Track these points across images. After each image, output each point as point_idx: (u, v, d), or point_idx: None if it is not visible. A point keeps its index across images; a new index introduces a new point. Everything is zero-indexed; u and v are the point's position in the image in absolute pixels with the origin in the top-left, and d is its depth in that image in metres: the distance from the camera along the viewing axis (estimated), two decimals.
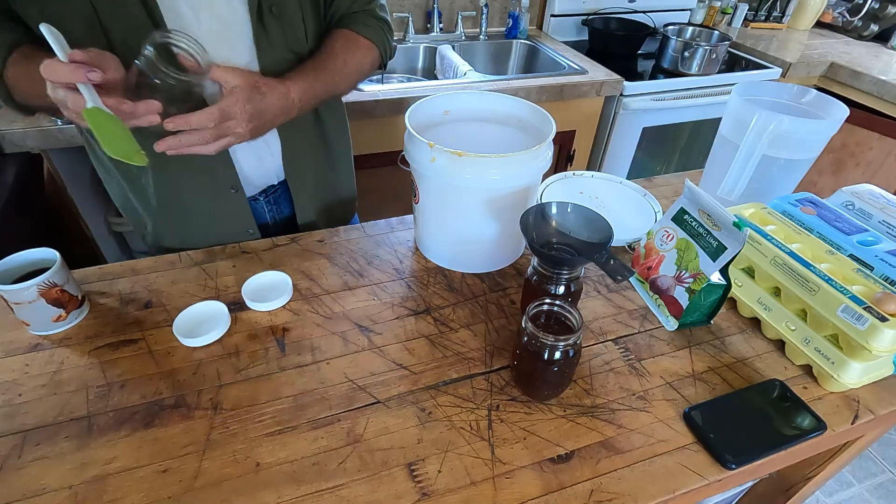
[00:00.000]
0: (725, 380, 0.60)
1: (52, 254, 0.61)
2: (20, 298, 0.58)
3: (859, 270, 0.61)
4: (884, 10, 2.03)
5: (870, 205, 0.74)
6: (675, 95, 1.68)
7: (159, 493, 0.47)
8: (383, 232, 0.81)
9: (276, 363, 0.59)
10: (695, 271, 0.62)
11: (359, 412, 0.55)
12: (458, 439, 0.52)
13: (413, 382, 0.58)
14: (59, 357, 0.59)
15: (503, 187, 0.66)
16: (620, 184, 0.92)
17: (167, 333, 0.62)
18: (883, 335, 0.53)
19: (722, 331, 0.67)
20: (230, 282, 0.70)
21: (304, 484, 0.48)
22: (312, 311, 0.66)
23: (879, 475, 1.54)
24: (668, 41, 1.72)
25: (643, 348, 0.64)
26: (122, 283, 0.70)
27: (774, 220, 0.70)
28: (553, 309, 0.55)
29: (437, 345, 0.63)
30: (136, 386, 0.56)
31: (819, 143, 0.78)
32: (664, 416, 0.56)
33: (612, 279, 0.58)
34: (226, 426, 0.52)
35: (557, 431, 0.54)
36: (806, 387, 0.60)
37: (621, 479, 0.50)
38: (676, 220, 0.67)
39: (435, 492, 0.48)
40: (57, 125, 1.14)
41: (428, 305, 0.68)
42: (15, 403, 0.54)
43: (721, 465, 0.51)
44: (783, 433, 0.54)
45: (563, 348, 0.51)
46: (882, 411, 0.58)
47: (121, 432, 0.52)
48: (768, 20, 2.21)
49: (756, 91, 0.87)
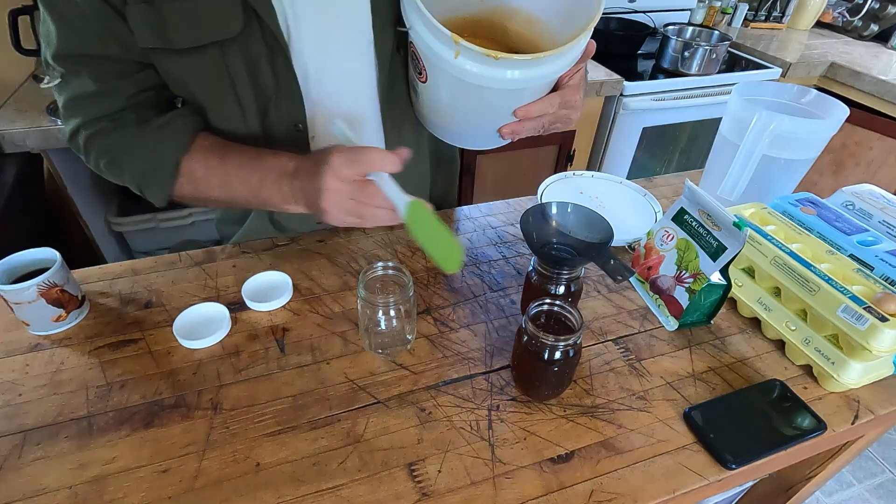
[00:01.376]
0: (725, 380, 0.60)
1: (52, 254, 0.61)
2: (20, 298, 0.58)
3: (859, 270, 0.61)
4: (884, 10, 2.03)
5: (870, 205, 0.74)
6: (675, 95, 1.68)
7: (159, 493, 0.47)
8: (383, 231, 0.81)
9: (276, 363, 0.59)
10: (695, 271, 0.62)
11: (359, 412, 0.55)
12: (458, 439, 0.52)
13: (413, 382, 0.58)
14: (59, 357, 0.59)
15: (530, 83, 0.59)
16: (620, 184, 0.92)
17: (167, 333, 0.62)
18: (883, 335, 0.53)
19: (722, 331, 0.67)
20: (230, 282, 0.70)
21: (304, 484, 0.48)
22: (312, 311, 0.66)
23: (879, 475, 1.54)
24: (668, 41, 1.72)
25: (643, 348, 0.64)
26: (122, 283, 0.70)
27: (774, 220, 0.70)
28: (553, 309, 0.55)
29: (437, 345, 0.63)
30: (136, 386, 0.56)
31: (819, 143, 0.78)
32: (664, 416, 0.56)
33: (612, 279, 0.57)
34: (226, 426, 0.52)
35: (557, 431, 0.54)
36: (806, 387, 0.60)
37: (621, 479, 0.50)
38: (676, 220, 0.67)
39: (435, 492, 0.48)
40: (57, 125, 1.14)
41: (428, 305, 0.68)
42: (15, 403, 0.54)
43: (721, 465, 0.51)
44: (783, 433, 0.54)
45: (563, 348, 0.51)
46: (882, 411, 0.58)
47: (121, 432, 0.52)
48: (768, 20, 2.21)
49: (756, 91, 0.87)
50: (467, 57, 0.53)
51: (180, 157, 0.63)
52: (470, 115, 0.66)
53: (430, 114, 0.71)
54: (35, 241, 0.64)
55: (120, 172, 0.65)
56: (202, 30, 0.57)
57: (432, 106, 0.69)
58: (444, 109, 0.67)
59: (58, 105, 0.64)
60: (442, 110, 0.68)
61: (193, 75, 0.61)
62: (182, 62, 0.60)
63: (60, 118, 0.64)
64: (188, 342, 0.60)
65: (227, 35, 0.57)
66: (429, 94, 0.66)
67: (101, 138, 0.63)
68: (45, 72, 0.62)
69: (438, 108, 0.68)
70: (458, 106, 0.64)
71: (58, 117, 1.16)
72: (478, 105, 0.63)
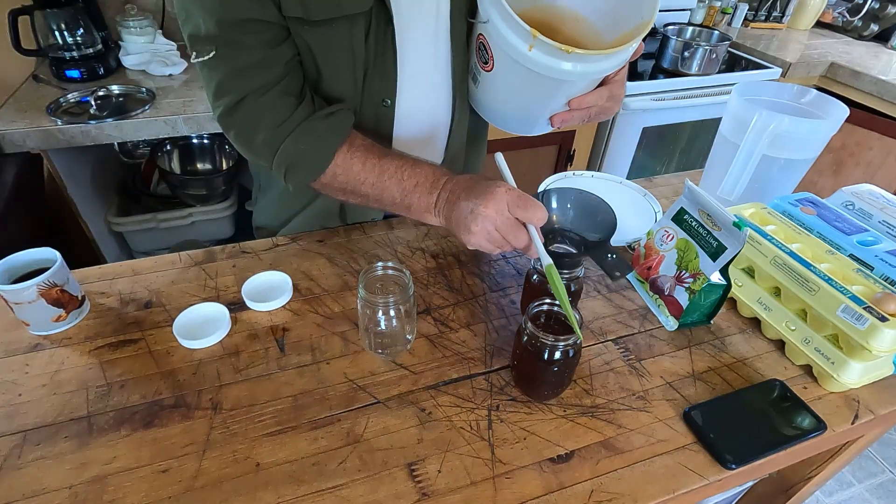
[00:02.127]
0: (725, 380, 0.60)
1: (52, 254, 0.61)
2: (20, 298, 0.58)
3: (859, 270, 0.61)
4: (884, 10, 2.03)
5: (870, 205, 0.74)
6: (675, 95, 1.68)
7: (159, 493, 0.47)
8: (383, 232, 0.81)
9: (276, 363, 0.59)
10: (695, 271, 0.62)
11: (359, 412, 0.55)
12: (458, 439, 0.52)
13: (413, 382, 0.58)
14: (59, 357, 0.59)
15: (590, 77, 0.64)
16: (620, 184, 0.92)
17: (167, 333, 0.62)
18: (883, 335, 0.53)
19: (722, 331, 0.67)
20: (230, 282, 0.70)
21: (304, 484, 0.48)
22: (312, 311, 0.66)
23: (879, 475, 1.54)
24: (668, 41, 1.72)
25: (643, 348, 0.64)
26: (122, 283, 0.70)
27: (774, 220, 0.70)
28: (553, 309, 0.55)
29: (437, 345, 0.63)
30: (136, 386, 0.56)
31: (819, 143, 0.78)
32: (664, 416, 0.56)
33: (609, 276, 0.58)
34: (226, 426, 0.52)
35: (557, 431, 0.54)
36: (806, 387, 0.60)
37: (621, 479, 0.50)
38: (676, 220, 0.67)
39: (435, 492, 0.48)
40: (57, 125, 1.14)
41: (428, 305, 0.68)
42: (15, 403, 0.54)
43: (721, 465, 0.51)
44: (783, 433, 0.54)
45: (563, 348, 0.51)
46: (882, 411, 0.58)
47: (121, 432, 0.52)
48: (768, 20, 2.21)
49: (756, 91, 0.87)
50: (541, 50, 0.58)
51: (339, 146, 0.65)
52: (529, 103, 0.71)
53: (489, 101, 0.76)
54: (35, 241, 0.64)
55: (271, 153, 0.65)
56: (338, 3, 0.59)
57: (491, 94, 0.74)
58: (504, 96, 0.72)
59: (205, 84, 0.63)
60: (500, 97, 0.73)
61: (322, 46, 0.64)
62: (315, 32, 0.62)
63: (209, 97, 0.63)
64: (188, 342, 0.60)
65: (360, 9, 0.61)
66: (491, 82, 0.70)
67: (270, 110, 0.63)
68: (192, 48, 0.60)
69: (497, 96, 0.73)
70: (520, 94, 0.69)
71: (58, 117, 1.16)
72: (538, 94, 0.67)
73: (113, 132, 1.19)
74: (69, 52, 1.34)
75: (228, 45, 0.59)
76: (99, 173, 1.49)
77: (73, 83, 1.33)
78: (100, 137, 1.18)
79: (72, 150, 1.22)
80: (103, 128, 1.17)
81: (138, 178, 1.59)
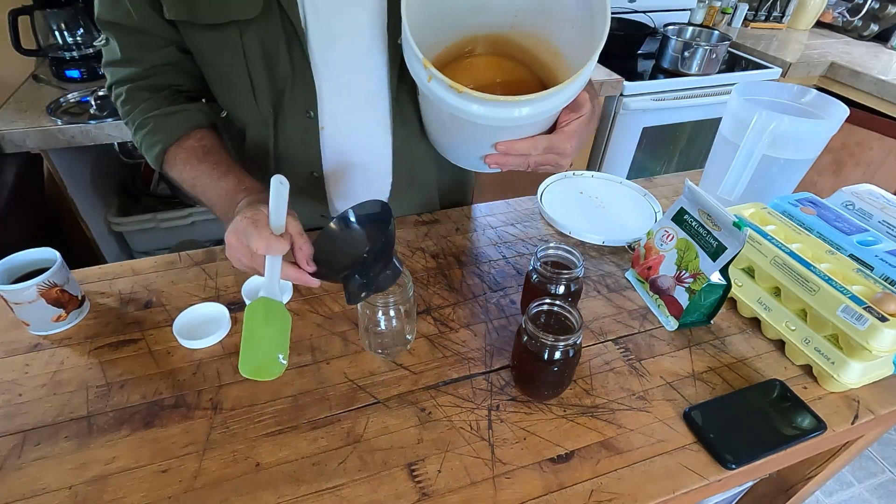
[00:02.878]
0: (725, 380, 0.60)
1: (52, 254, 0.61)
2: (20, 298, 0.58)
3: (859, 270, 0.61)
4: (884, 10, 2.03)
5: (870, 205, 0.74)
6: (675, 95, 1.68)
7: (159, 493, 0.47)
8: None
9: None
10: (695, 271, 0.62)
11: (359, 412, 0.55)
12: (458, 439, 0.52)
13: (413, 382, 0.58)
14: (59, 357, 0.59)
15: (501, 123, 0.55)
16: (620, 184, 0.92)
17: (167, 333, 0.62)
18: (883, 335, 0.53)
19: (722, 331, 0.67)
20: (230, 282, 0.70)
21: (304, 484, 0.48)
22: (312, 311, 0.66)
23: (879, 475, 1.54)
24: (668, 41, 1.72)
25: (643, 348, 0.64)
26: (122, 283, 0.70)
27: (774, 220, 0.70)
28: (553, 309, 0.55)
29: (437, 345, 0.63)
30: (136, 386, 0.56)
31: (819, 143, 0.78)
32: (664, 416, 0.56)
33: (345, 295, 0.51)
34: (226, 426, 0.52)
35: (557, 431, 0.54)
36: (806, 387, 0.60)
37: (621, 479, 0.50)
38: (676, 220, 0.67)
39: (435, 492, 0.48)
40: (57, 125, 1.14)
41: (428, 305, 0.68)
42: (15, 403, 0.54)
43: (721, 465, 0.51)
44: (783, 433, 0.54)
45: (563, 348, 0.51)
46: (882, 411, 0.58)
47: (121, 432, 0.52)
48: (768, 20, 2.21)
49: (756, 91, 0.87)
50: (438, 83, 0.51)
51: (168, 146, 0.68)
52: (455, 135, 0.66)
53: (426, 125, 0.72)
54: (35, 241, 0.64)
55: (134, 135, 0.71)
56: (223, 8, 0.60)
57: (427, 120, 0.70)
58: (436, 125, 0.67)
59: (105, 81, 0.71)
60: (432, 124, 0.68)
61: (212, 51, 0.65)
62: (204, 37, 0.63)
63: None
64: (188, 342, 0.60)
65: (246, 16, 0.60)
66: (423, 106, 0.67)
67: (127, 102, 0.69)
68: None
69: (429, 122, 0.69)
70: (443, 124, 0.63)
71: (58, 117, 1.16)
72: (458, 129, 0.62)
73: (113, 132, 1.19)
74: (69, 52, 1.34)
75: (108, 40, 0.66)
76: (99, 173, 1.49)
77: (73, 83, 1.33)
78: (100, 137, 1.19)
79: (72, 150, 1.22)
80: (103, 128, 1.18)
81: (138, 178, 1.59)
